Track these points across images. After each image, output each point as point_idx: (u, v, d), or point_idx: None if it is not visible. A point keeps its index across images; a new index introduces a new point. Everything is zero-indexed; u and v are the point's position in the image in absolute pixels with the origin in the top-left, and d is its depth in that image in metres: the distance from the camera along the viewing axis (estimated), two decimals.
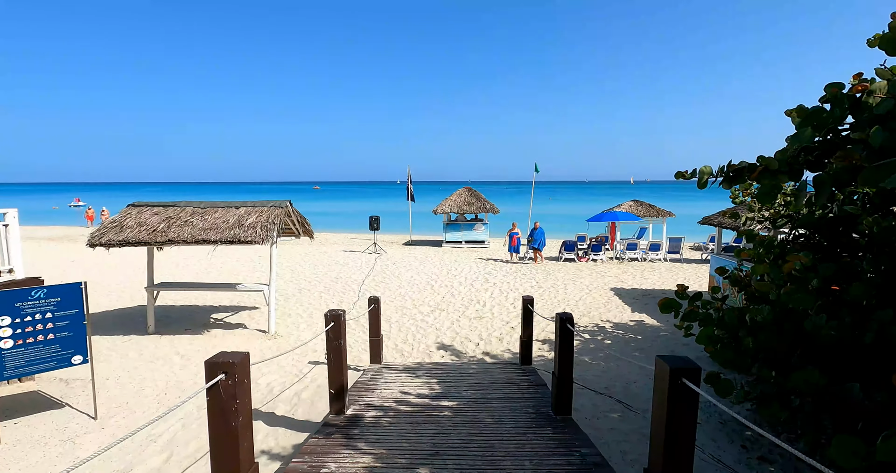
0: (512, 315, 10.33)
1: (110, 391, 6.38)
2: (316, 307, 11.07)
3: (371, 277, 14.69)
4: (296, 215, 9.09)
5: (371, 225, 20.95)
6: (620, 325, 9.62)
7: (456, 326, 9.61)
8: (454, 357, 7.86)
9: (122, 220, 8.12)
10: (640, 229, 23.71)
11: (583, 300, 11.70)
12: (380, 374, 6.19)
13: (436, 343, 8.58)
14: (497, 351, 8.16)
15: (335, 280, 14.17)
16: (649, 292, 12.58)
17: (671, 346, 8.27)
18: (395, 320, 10.02)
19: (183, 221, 8.06)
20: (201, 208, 8.48)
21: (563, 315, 4.61)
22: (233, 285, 9.08)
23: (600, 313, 10.56)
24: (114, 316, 10.22)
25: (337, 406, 4.62)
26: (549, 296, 12.17)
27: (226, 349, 8.20)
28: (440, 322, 9.86)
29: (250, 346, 8.35)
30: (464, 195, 23.29)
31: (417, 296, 12.13)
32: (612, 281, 14.10)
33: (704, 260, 18.19)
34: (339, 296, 12.16)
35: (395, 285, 13.41)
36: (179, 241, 7.66)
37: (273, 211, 8.26)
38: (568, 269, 16.19)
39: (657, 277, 14.80)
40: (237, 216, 8.12)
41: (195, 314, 10.39)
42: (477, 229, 22.82)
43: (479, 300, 11.69)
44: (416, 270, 15.93)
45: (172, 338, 8.75)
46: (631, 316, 10.29)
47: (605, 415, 5.51)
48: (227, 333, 9.07)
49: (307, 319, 10.10)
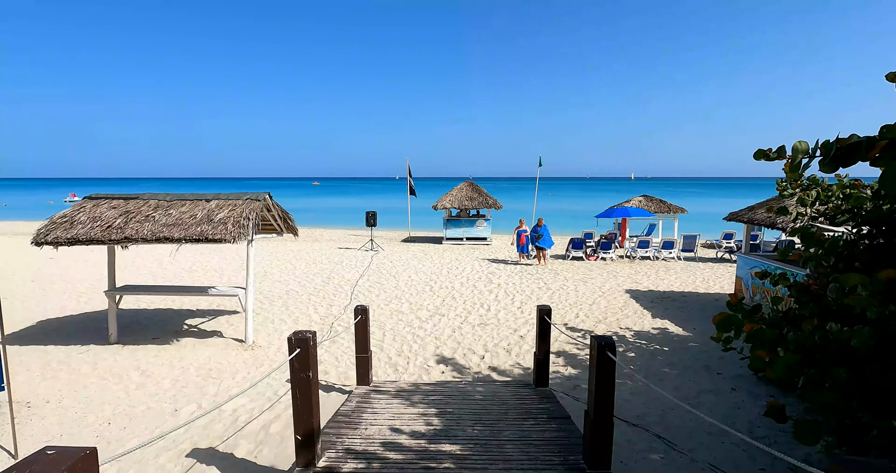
0: (520, 322, 9.28)
1: (45, 420, 5.33)
2: (303, 311, 10.02)
3: (366, 277, 13.63)
4: (277, 209, 8.03)
5: (367, 221, 19.88)
6: (642, 334, 8.57)
7: (458, 334, 8.56)
8: (456, 374, 6.81)
9: (74, 215, 7.06)
10: (649, 225, 22.66)
11: (596, 304, 10.65)
12: (367, 401, 5.14)
13: (435, 356, 7.53)
14: (505, 366, 7.12)
15: (327, 280, 13.12)
16: (668, 295, 11.53)
17: (704, 360, 7.22)
18: (389, 327, 8.98)
19: (144, 216, 6.99)
20: (167, 201, 7.41)
21: (603, 340, 3.55)
22: (205, 288, 8.02)
23: (617, 319, 9.51)
24: (77, 322, 9.17)
25: (305, 458, 3.57)
26: (559, 299, 11.12)
27: (194, 362, 7.16)
28: (440, 330, 8.81)
29: (223, 359, 7.30)
30: (465, 190, 22.20)
31: (415, 299, 11.08)
32: (626, 282, 13.05)
33: (721, 259, 17.13)
34: (329, 298, 11.11)
35: (391, 286, 12.36)
36: (138, 239, 6.60)
37: (248, 205, 7.19)
38: (577, 268, 15.14)
39: (673, 277, 13.74)
40: (206, 211, 7.05)
41: (168, 320, 9.34)
42: (479, 225, 21.75)
43: (483, 304, 10.64)
44: (414, 269, 14.88)
45: (136, 349, 7.70)
46: (652, 323, 9.24)
47: (645, 457, 4.46)
48: (199, 343, 8.02)
49: (291, 325, 9.05)
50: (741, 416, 5.35)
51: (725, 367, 6.90)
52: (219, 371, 6.81)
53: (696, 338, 8.29)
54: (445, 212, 22.20)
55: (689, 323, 9.19)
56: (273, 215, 8.12)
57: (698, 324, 9.12)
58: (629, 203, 20.37)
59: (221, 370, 6.89)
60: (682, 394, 5.93)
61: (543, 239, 15.56)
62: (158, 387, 6.27)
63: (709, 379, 6.49)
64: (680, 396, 5.87)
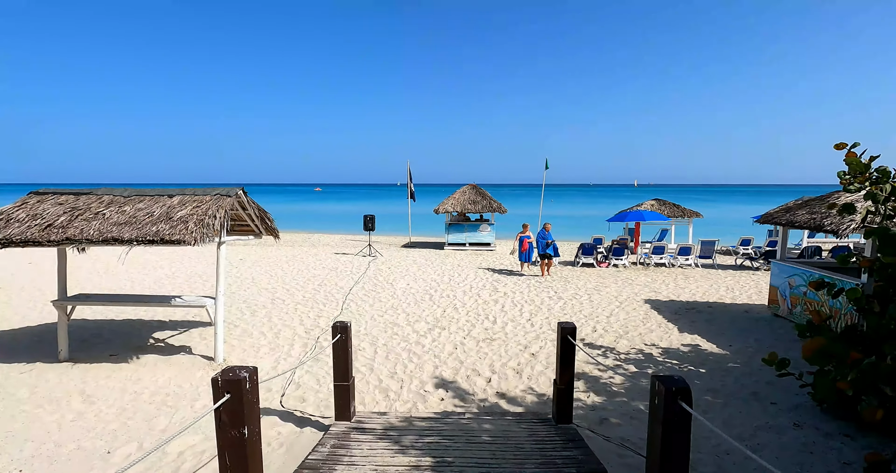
0: (530, 337, 8.20)
1: None
2: (286, 323, 8.96)
3: (360, 284, 12.58)
4: (253, 207, 7.00)
5: (365, 225, 18.86)
6: (671, 352, 7.48)
7: (460, 351, 7.48)
8: (458, 401, 5.73)
9: (13, 212, 6.04)
10: (661, 231, 21.60)
11: (615, 316, 9.56)
12: (345, 444, 4.07)
13: (433, 378, 6.45)
14: (516, 391, 6.04)
15: (318, 288, 12.07)
16: (692, 306, 10.43)
17: (750, 385, 6.12)
18: (382, 342, 7.91)
19: (93, 213, 5.97)
20: (124, 196, 6.40)
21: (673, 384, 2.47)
22: (169, 297, 6.98)
23: (640, 334, 8.43)
24: (33, 335, 8.12)
25: None
26: (572, 310, 10.04)
27: (151, 385, 6.10)
28: (440, 346, 7.74)
29: (186, 381, 6.24)
30: (468, 193, 21.20)
31: (413, 309, 10.02)
32: (643, 291, 11.96)
33: (741, 266, 16.02)
34: (318, 308, 10.05)
35: (386, 295, 11.29)
36: (82, 239, 5.57)
37: (216, 202, 6.16)
38: (588, 276, 14.05)
39: (694, 286, 12.64)
40: (166, 207, 6.03)
41: (135, 333, 8.29)
42: (482, 230, 20.70)
43: (488, 315, 9.57)
44: (413, 276, 13.82)
45: (88, 369, 6.65)
46: (680, 338, 8.15)
47: None
48: (161, 361, 6.96)
49: (272, 340, 8.00)
50: (817, 466, 4.25)
51: (778, 395, 5.80)
52: (177, 398, 5.75)
53: (735, 357, 7.20)
54: (447, 216, 21.19)
55: (722, 339, 8.09)
56: (249, 214, 7.09)
57: (733, 340, 8.03)
58: (641, 207, 19.33)
59: (180, 395, 5.83)
60: (736, 432, 4.84)
61: (549, 246, 14.05)
62: (99, 419, 5.21)
63: (762, 411, 5.39)
64: (734, 434, 4.78)
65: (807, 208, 8.64)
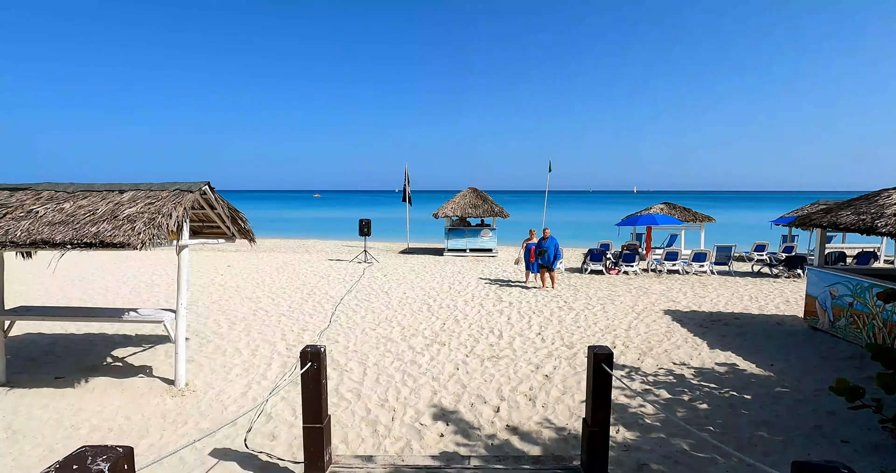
0: (542, 354, 7.22)
1: None
2: (266, 337, 7.97)
3: (353, 293, 11.59)
4: (223, 206, 6.03)
5: (361, 230, 17.87)
6: (706, 373, 6.49)
7: (462, 373, 6.49)
8: (461, 438, 4.74)
9: None
10: (670, 236, 20.69)
11: (634, 329, 8.58)
12: None
13: (431, 407, 5.46)
14: (530, 424, 5.04)
15: (307, 297, 11.08)
16: (717, 318, 9.45)
17: (811, 417, 5.13)
18: (373, 361, 6.91)
19: (26, 211, 5.01)
20: (67, 192, 5.44)
21: None
22: (121, 311, 6.00)
23: (666, 350, 7.44)
24: None
25: None
26: (585, 322, 9.05)
27: (94, 416, 5.10)
28: (439, 366, 6.75)
29: (137, 411, 5.25)
30: (468, 197, 20.25)
31: (409, 322, 9.03)
32: (660, 300, 10.98)
33: (759, 274, 15.04)
34: (304, 321, 9.06)
35: (381, 305, 10.30)
36: (5, 242, 4.61)
37: (174, 198, 5.19)
38: (599, 284, 13.07)
39: (714, 295, 11.66)
40: (113, 205, 5.07)
41: (92, 349, 7.30)
42: (484, 235, 19.73)
43: (494, 329, 8.58)
44: (410, 284, 12.84)
45: (25, 394, 5.65)
46: (712, 356, 7.16)
47: None
48: (113, 385, 5.96)
49: (247, 358, 7.00)
50: None
51: (849, 430, 4.81)
52: (120, 434, 4.76)
53: (781, 379, 6.21)
54: (447, 221, 20.23)
55: (761, 357, 7.11)
56: (219, 214, 6.13)
57: (773, 358, 7.04)
58: (651, 210, 18.39)
59: (125, 431, 4.83)
60: None
61: (548, 255, 12.16)
62: (17, 464, 4.21)
63: (833, 452, 4.41)
64: None
65: (851, 208, 7.69)
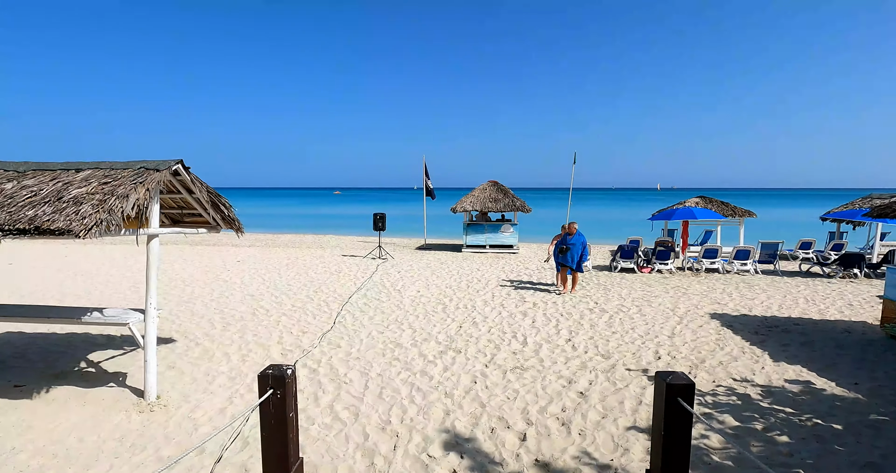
0: (574, 365, 6.18)
1: None
2: (261, 340, 7.12)
3: (363, 291, 10.71)
4: (201, 190, 5.16)
5: (375, 224, 17.02)
6: (776, 393, 5.37)
7: (480, 387, 5.51)
8: None
9: None
10: (705, 232, 19.37)
11: (679, 336, 7.47)
12: None
13: (442, 432, 4.50)
14: (565, 460, 4.04)
15: (313, 295, 10.25)
16: (774, 323, 8.25)
17: None
18: (377, 371, 5.98)
19: None
20: (18, 171, 4.63)
21: None
22: (81, 311, 5.18)
23: (721, 362, 6.32)
24: None
25: None
26: (621, 326, 7.97)
27: (43, 434, 4.25)
28: (453, 378, 5.77)
29: (95, 430, 4.42)
30: (488, 190, 19.21)
31: (422, 324, 8.08)
32: (704, 302, 9.80)
33: (808, 273, 13.65)
34: (305, 321, 8.20)
35: (392, 305, 9.39)
36: None
37: (135, 177, 4.33)
38: (631, 283, 11.92)
39: (764, 297, 10.41)
40: (62, 185, 4.23)
41: (68, 352, 6.55)
42: (504, 230, 18.67)
43: (517, 333, 7.57)
44: (425, 281, 11.90)
45: None
46: (779, 371, 6.02)
47: None
48: (77, 396, 5.17)
49: (235, 364, 6.15)
50: None
51: None
52: (65, 461, 3.92)
53: (873, 403, 5.05)
54: (466, 215, 19.24)
55: (837, 372, 5.93)
56: (198, 198, 5.27)
57: (854, 374, 5.86)
58: (686, 204, 17.05)
59: (71, 458, 4.00)
60: None
61: (572, 254, 10.33)
62: None
63: None
64: None
65: None
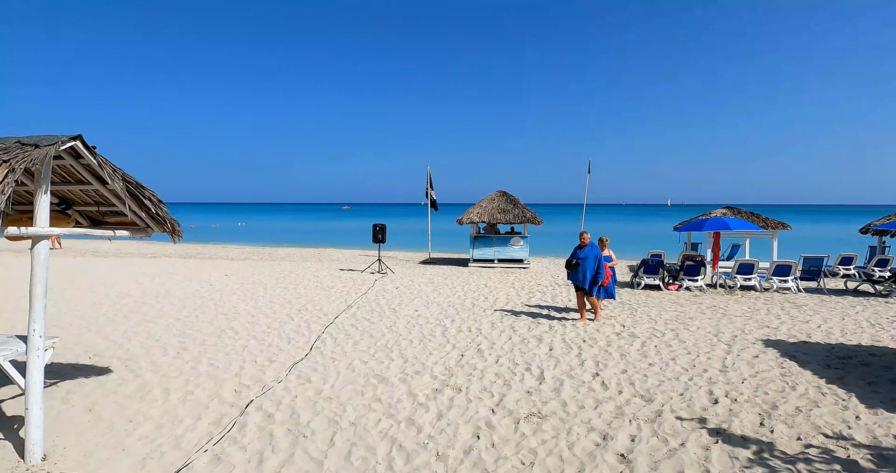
0: (608, 411, 4.75)
1: None
2: (215, 372, 5.76)
3: (353, 310, 9.37)
4: (115, 178, 3.88)
5: (374, 236, 15.73)
6: (889, 457, 3.91)
7: (485, 445, 4.10)
8: None
9: None
10: (732, 246, 17.87)
11: (735, 370, 6.00)
12: None
13: None
14: None
15: (294, 314, 8.92)
16: (844, 353, 6.75)
17: None
18: (350, 418, 4.59)
19: None
20: None
21: None
22: None
23: (799, 409, 4.85)
24: None
25: None
26: (658, 357, 6.52)
27: None
28: (449, 430, 4.37)
29: None
30: (497, 201, 17.93)
31: (416, 351, 6.70)
32: (749, 325, 8.32)
33: (857, 291, 12.08)
34: (276, 347, 6.86)
35: (383, 327, 8.03)
36: None
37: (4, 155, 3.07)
38: (659, 302, 10.45)
39: (819, 319, 8.90)
40: None
41: None
42: (514, 243, 17.30)
43: (531, 365, 6.16)
44: (425, 299, 10.54)
45: None
46: (877, 420, 4.53)
47: None
48: None
49: (174, 405, 4.79)
50: None
51: None
52: None
53: None
54: (473, 228, 17.93)
55: None
56: (113, 191, 4.00)
57: None
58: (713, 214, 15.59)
59: None
60: None
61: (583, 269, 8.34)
62: None
63: None
64: None
65: None
